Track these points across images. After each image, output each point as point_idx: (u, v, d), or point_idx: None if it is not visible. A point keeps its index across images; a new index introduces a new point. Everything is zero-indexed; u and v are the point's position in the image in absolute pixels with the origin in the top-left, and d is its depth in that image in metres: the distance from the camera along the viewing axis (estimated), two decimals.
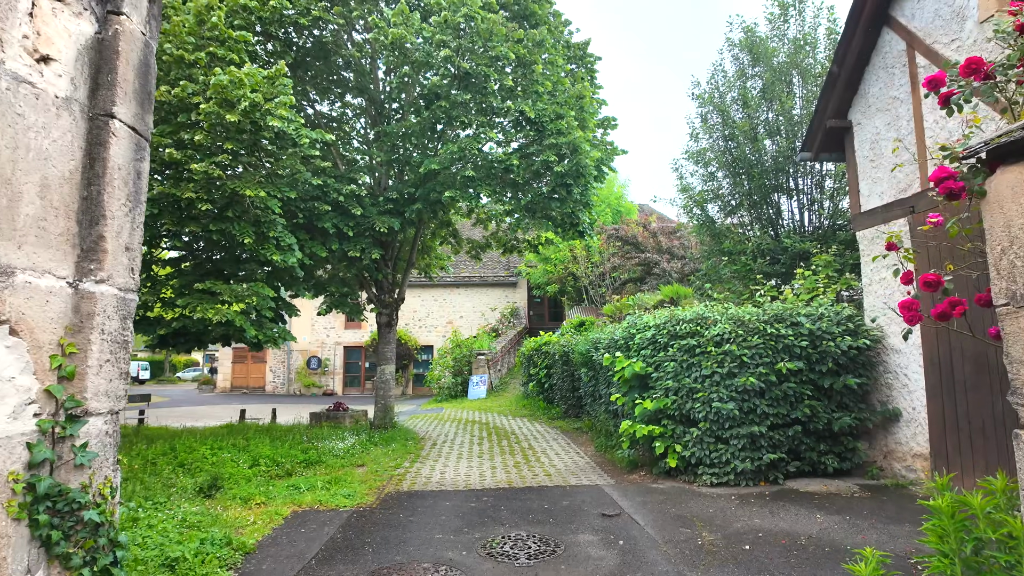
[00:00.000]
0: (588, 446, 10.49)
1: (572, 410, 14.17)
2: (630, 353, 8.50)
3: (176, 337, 8.96)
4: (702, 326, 7.38)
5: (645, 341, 8.03)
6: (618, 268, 17.97)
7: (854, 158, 7.91)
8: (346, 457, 9.48)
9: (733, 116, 11.45)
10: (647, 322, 8.16)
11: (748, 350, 6.99)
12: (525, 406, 17.40)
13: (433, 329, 30.56)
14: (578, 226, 11.17)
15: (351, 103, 13.18)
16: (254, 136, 8.03)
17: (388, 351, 12.94)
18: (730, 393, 6.96)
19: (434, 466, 8.91)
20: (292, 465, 8.44)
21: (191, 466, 7.96)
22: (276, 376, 32.02)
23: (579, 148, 9.86)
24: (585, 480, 7.77)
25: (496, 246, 15.27)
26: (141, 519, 5.49)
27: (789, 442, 7.05)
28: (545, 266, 25.61)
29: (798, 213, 11.20)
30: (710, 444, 7.09)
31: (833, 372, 7.07)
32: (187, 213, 8.00)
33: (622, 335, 8.99)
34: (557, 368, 14.83)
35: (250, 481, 7.54)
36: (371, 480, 7.87)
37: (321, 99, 13.11)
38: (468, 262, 32.13)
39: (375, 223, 10.78)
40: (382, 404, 12.67)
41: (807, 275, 8.62)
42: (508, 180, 10.75)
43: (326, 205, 10.23)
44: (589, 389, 11.75)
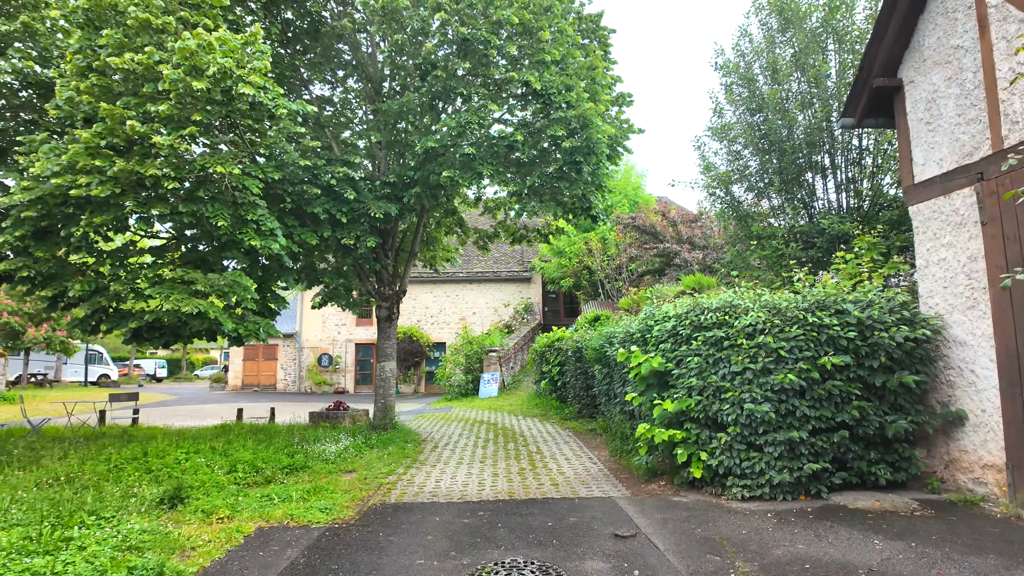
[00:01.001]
0: (602, 450, 9.57)
1: (586, 410, 13.26)
2: (647, 347, 7.57)
3: (151, 331, 8.23)
4: (731, 315, 6.42)
5: (664, 333, 7.08)
6: (635, 260, 16.95)
7: (905, 122, 6.87)
8: (336, 462, 8.68)
9: (760, 87, 10.40)
10: (666, 312, 7.22)
11: (786, 342, 6.01)
12: (537, 405, 16.51)
13: (445, 326, 29.80)
14: (590, 210, 10.23)
15: (352, 87, 12.38)
16: (226, 107, 7.24)
17: (388, 347, 12.13)
18: (764, 393, 6.00)
19: (430, 473, 8.07)
20: (273, 471, 7.66)
21: (160, 473, 7.21)
22: (287, 374, 31.54)
23: (590, 122, 8.93)
24: (597, 491, 6.86)
25: (505, 236, 14.38)
26: (74, 540, 4.72)
27: (834, 449, 6.06)
28: (559, 260, 24.66)
29: (834, 193, 10.13)
30: (741, 452, 6.13)
31: (886, 368, 6.06)
32: (153, 193, 7.24)
33: (638, 327, 8.06)
34: (570, 365, 13.92)
35: (222, 490, 6.76)
36: (357, 489, 7.04)
37: (317, 80, 12.34)
38: (481, 257, 31.34)
39: (370, 208, 9.95)
40: (382, 403, 11.87)
41: (849, 259, 7.59)
42: (512, 159, 9.85)
43: (316, 188, 9.42)
44: (603, 388, 10.83)
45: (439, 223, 14.34)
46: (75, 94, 7.38)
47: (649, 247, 16.28)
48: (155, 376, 48.41)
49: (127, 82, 7.34)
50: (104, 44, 7.32)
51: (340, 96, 12.74)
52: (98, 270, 8.30)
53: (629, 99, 11.28)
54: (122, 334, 8.04)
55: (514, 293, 29.81)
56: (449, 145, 9.49)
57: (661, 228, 16.94)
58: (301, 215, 10.11)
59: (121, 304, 8.33)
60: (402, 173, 10.68)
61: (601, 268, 21.51)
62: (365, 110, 12.21)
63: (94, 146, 6.93)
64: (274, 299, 9.76)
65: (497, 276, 29.87)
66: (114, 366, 41.07)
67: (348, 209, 10.14)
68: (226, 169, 7.11)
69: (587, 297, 24.02)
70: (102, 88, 7.40)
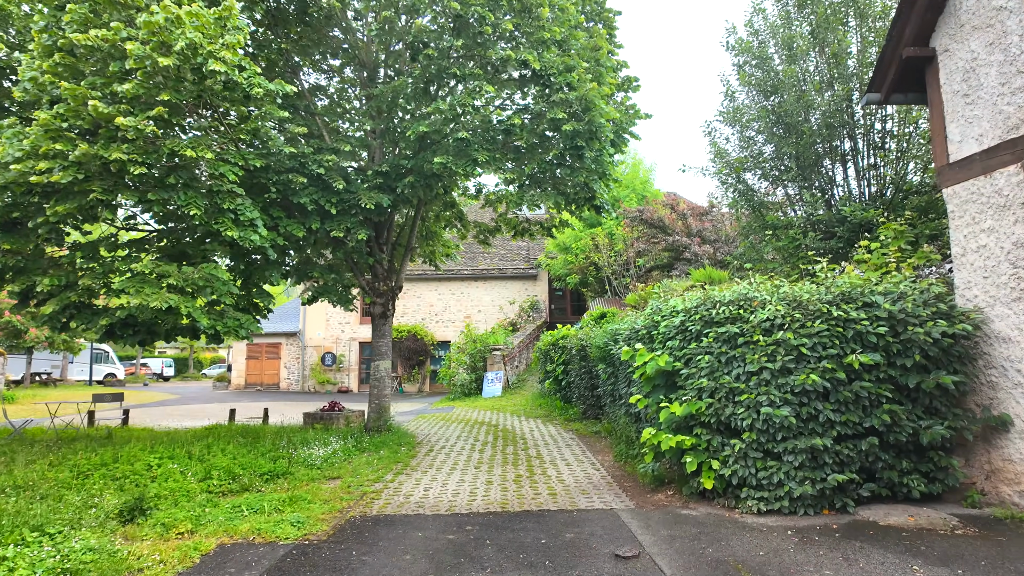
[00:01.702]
0: (606, 454, 8.98)
1: (591, 411, 12.66)
2: (653, 345, 6.97)
3: (124, 328, 7.74)
4: (746, 309, 5.81)
5: (672, 330, 6.48)
6: (643, 254, 16.29)
7: (939, 95, 6.22)
8: (322, 467, 8.16)
9: (775, 67, 9.73)
10: (674, 306, 6.62)
11: (808, 339, 5.39)
12: (541, 406, 15.93)
13: (450, 324, 29.28)
14: (593, 200, 9.62)
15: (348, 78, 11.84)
16: (198, 86, 6.72)
17: (383, 345, 11.59)
18: (784, 395, 5.39)
19: (420, 480, 7.51)
20: (252, 479, 7.14)
21: (126, 481, 6.71)
22: (291, 373, 31.17)
23: (593, 104, 8.33)
24: (598, 501, 6.27)
25: (506, 229, 13.80)
26: (6, 560, 4.20)
27: (861, 458, 5.43)
28: (566, 256, 24.05)
29: (855, 180, 9.45)
30: (757, 460, 5.52)
31: (920, 367, 5.42)
32: (119, 179, 6.73)
33: (643, 323, 7.46)
34: (574, 364, 13.33)
35: (191, 500, 6.25)
36: (337, 499, 6.51)
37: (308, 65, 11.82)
38: (487, 254, 30.81)
39: (360, 199, 9.41)
40: (376, 404, 11.33)
41: (874, 248, 6.95)
42: (510, 146, 9.28)
43: (302, 177, 8.89)
44: (608, 388, 10.23)
45: (438, 216, 13.79)
46: (39, 75, 6.89)
47: (657, 241, 15.60)
48: (162, 375, 48.30)
49: (93, 61, 6.84)
50: (69, 21, 6.83)
51: (337, 86, 12.21)
52: (70, 264, 7.82)
53: (635, 84, 10.67)
54: (94, 332, 7.53)
55: (520, 291, 29.24)
56: (443, 131, 8.93)
57: (670, 221, 16.27)
58: (288, 206, 9.59)
59: (93, 300, 7.86)
60: (395, 162, 10.14)
61: (608, 264, 20.88)
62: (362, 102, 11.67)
63: (55, 129, 6.44)
64: (260, 295, 9.25)
65: (503, 273, 29.31)
66: (120, 365, 40.92)
67: (338, 200, 9.61)
68: (196, 153, 6.59)
69: (594, 294, 23.39)
70: (67, 68, 6.90)
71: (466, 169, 8.61)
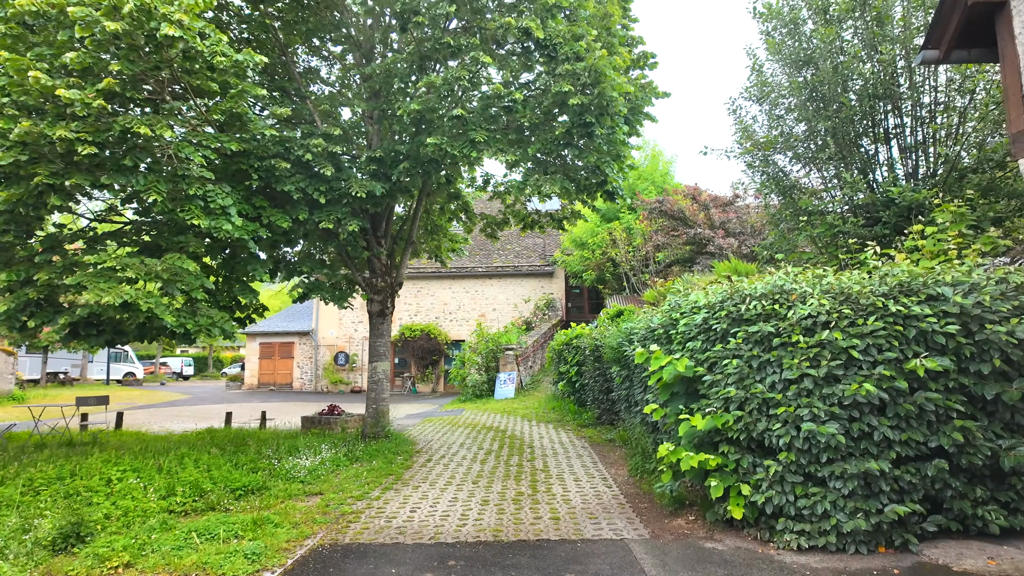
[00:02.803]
0: (620, 467, 8.08)
1: (605, 416, 11.76)
2: (672, 347, 6.07)
3: (88, 328, 7.08)
4: (782, 304, 4.87)
5: (693, 329, 5.58)
6: (663, 248, 15.27)
7: (1013, 48, 5.20)
8: (305, 481, 7.41)
9: (809, 33, 8.67)
10: (695, 301, 5.70)
11: (859, 339, 4.45)
12: (554, 409, 15.06)
13: (464, 323, 28.53)
14: (605, 184, 8.71)
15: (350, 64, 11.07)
16: (155, 56, 5.98)
17: (381, 345, 10.83)
18: (830, 407, 4.45)
19: (409, 497, 6.70)
20: (221, 495, 6.40)
21: (78, 498, 6.01)
22: (303, 372, 30.72)
23: (602, 75, 7.43)
24: (607, 529, 5.39)
25: (515, 222, 12.97)
26: None
27: (926, 485, 4.47)
28: (582, 252, 23.11)
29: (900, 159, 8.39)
30: (797, 486, 4.60)
31: (999, 374, 4.43)
32: (69, 161, 6.03)
33: (660, 321, 6.57)
34: (588, 366, 12.44)
35: (144, 522, 5.52)
36: (310, 521, 5.72)
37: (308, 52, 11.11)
38: (502, 252, 30.05)
39: (351, 187, 8.64)
40: (373, 409, 10.57)
41: (930, 233, 5.94)
42: (512, 125, 8.42)
43: (285, 163, 8.15)
44: (622, 392, 9.33)
45: (443, 209, 13.00)
46: None
47: (678, 234, 14.56)
48: (181, 374, 48.44)
49: (40, 29, 6.14)
50: None
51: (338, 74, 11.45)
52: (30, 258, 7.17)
53: (652, 60, 9.72)
54: (55, 332, 6.87)
55: (535, 288, 28.37)
56: (437, 109, 8.11)
57: (691, 213, 15.23)
58: (273, 195, 8.86)
59: (60, 297, 7.21)
60: (390, 148, 9.35)
61: (626, 260, 19.89)
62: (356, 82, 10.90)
63: None
64: (243, 291, 8.51)
65: (518, 271, 28.47)
66: (139, 364, 41.02)
67: (327, 188, 8.86)
68: (156, 131, 5.85)
69: (611, 291, 22.42)
70: (16, 39, 6.22)
71: (463, 151, 7.77)
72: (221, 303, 8.44)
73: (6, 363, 22.22)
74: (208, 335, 7.07)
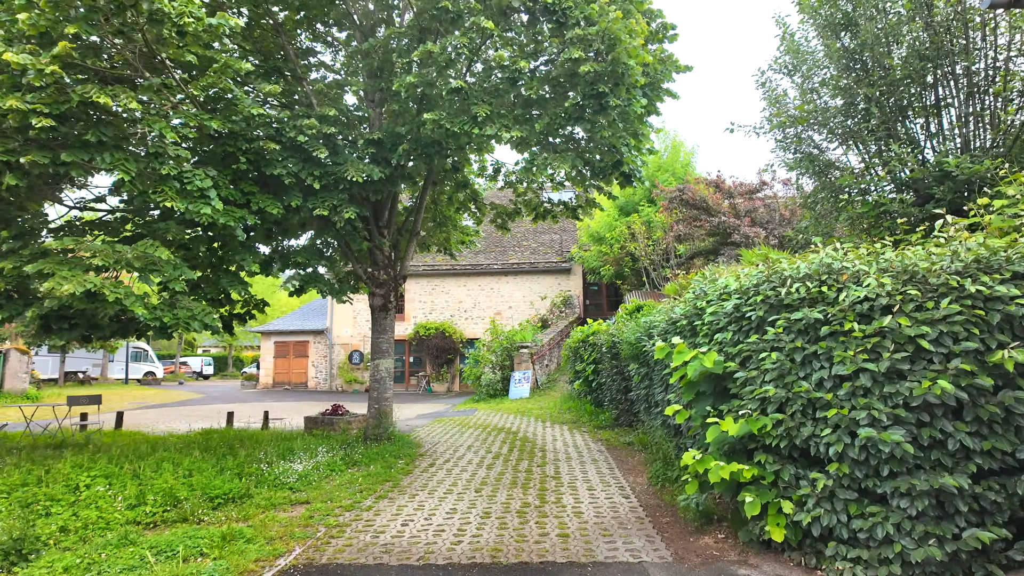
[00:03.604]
0: (639, 474, 7.34)
1: (624, 417, 11.00)
2: (697, 339, 5.33)
3: (59, 321, 6.56)
4: (831, 286, 4.10)
5: (722, 318, 4.83)
6: (684, 239, 14.39)
7: None
8: (294, 487, 6.81)
9: None
10: (725, 286, 4.95)
11: (930, 327, 3.66)
12: (570, 409, 14.32)
13: (480, 321, 27.89)
14: (621, 165, 7.97)
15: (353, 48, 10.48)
16: (118, 18, 5.40)
17: (383, 341, 10.21)
18: (893, 409, 3.67)
19: (403, 508, 6.04)
20: (197, 504, 5.80)
21: (39, 507, 5.46)
22: (318, 371, 30.38)
23: (617, 40, 6.69)
24: (623, 549, 4.67)
25: (526, 211, 12.26)
26: None
27: (1013, 505, 3.67)
28: (599, 247, 22.29)
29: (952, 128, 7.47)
30: (851, 504, 3.83)
31: None
32: (24, 136, 5.49)
33: (683, 312, 5.82)
34: (605, 364, 11.70)
35: (104, 535, 4.94)
36: (288, 536, 5.10)
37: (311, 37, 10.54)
38: (518, 249, 29.41)
39: (347, 171, 8.02)
40: (375, 409, 9.95)
41: (998, 206, 5.09)
42: (519, 99, 7.72)
43: (274, 144, 7.56)
44: (641, 392, 8.58)
45: (451, 199, 12.34)
46: None
47: (700, 224, 13.67)
48: (201, 373, 48.64)
49: None
50: None
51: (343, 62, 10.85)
52: None
53: (672, 32, 8.95)
54: (22, 325, 6.35)
55: (552, 285, 27.64)
56: (436, 83, 7.45)
57: (714, 202, 14.35)
58: (265, 181, 8.29)
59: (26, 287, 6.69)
60: (390, 129, 8.73)
61: (645, 254, 19.04)
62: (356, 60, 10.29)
63: None
64: (233, 283, 7.93)
65: (534, 267, 27.76)
66: (159, 364, 41.17)
67: (322, 173, 8.26)
68: (114, 102, 5.27)
69: (630, 287, 21.59)
70: None
71: (464, 127, 7.09)
72: (208, 296, 7.88)
73: (21, 362, 22.15)
74: (187, 329, 6.50)
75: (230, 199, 7.57)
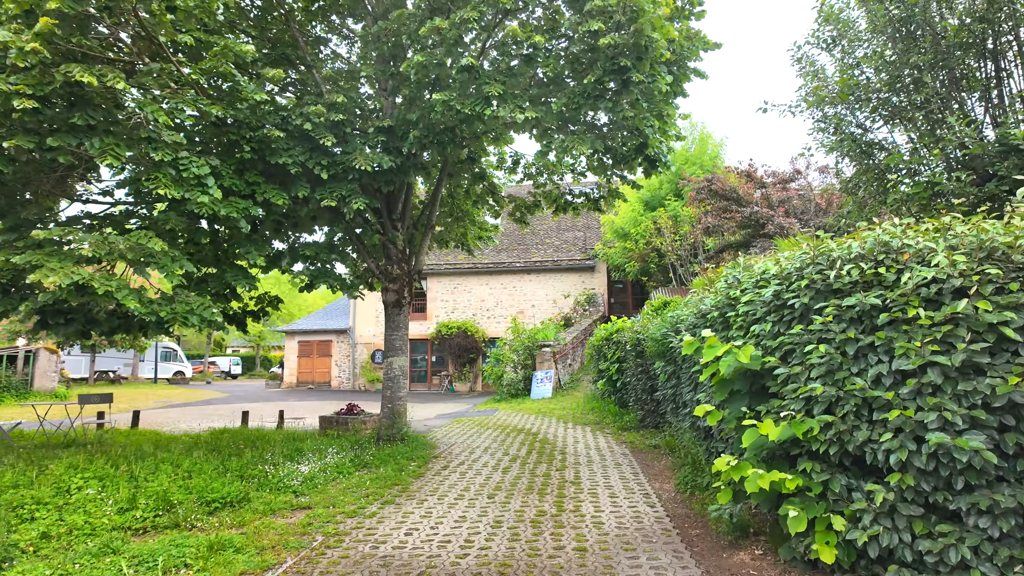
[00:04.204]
0: (665, 480, 6.79)
1: (649, 418, 10.43)
2: (730, 333, 4.78)
3: (55, 316, 6.31)
4: (890, 267, 3.53)
5: (759, 307, 4.28)
6: (713, 232, 13.70)
7: None
8: (297, 491, 6.45)
9: None
10: (764, 271, 4.40)
11: (1015, 312, 3.08)
12: (594, 410, 13.77)
13: (502, 320, 27.47)
14: (645, 148, 7.43)
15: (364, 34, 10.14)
16: None
17: (397, 339, 9.82)
18: (969, 411, 3.10)
19: (409, 515, 5.62)
20: (191, 508, 5.47)
21: (23, 511, 5.17)
22: (342, 371, 30.32)
23: (641, 10, 6.17)
24: (647, 566, 4.15)
25: (546, 204, 11.78)
26: None
27: None
28: (624, 243, 21.67)
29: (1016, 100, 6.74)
30: (916, 521, 3.26)
31: None
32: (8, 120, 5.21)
33: (714, 303, 5.28)
34: (630, 362, 11.14)
35: (87, 542, 4.62)
36: (281, 545, 4.71)
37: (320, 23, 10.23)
38: (541, 246, 28.94)
39: (355, 160, 7.65)
40: (388, 409, 9.58)
41: None
42: (535, 79, 7.24)
43: (278, 131, 7.22)
44: (668, 392, 8.02)
45: (468, 192, 11.92)
46: None
47: (730, 215, 12.95)
48: (229, 373, 49.16)
49: None
50: None
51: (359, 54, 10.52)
52: None
53: (699, 8, 8.37)
54: (19, 320, 6.11)
55: (576, 283, 27.06)
56: (445, 63, 7.02)
57: (745, 192, 13.61)
58: (272, 172, 7.97)
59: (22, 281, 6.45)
60: (401, 116, 8.34)
61: (672, 249, 18.36)
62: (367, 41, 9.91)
63: None
64: (238, 277, 7.62)
65: (557, 265, 27.22)
66: (188, 363, 41.74)
67: (330, 162, 7.91)
68: (101, 82, 4.95)
69: (656, 284, 20.91)
70: None
71: (475, 108, 6.64)
72: (213, 290, 7.58)
73: (50, 361, 22.47)
74: (184, 324, 6.18)
75: (234, 189, 7.26)
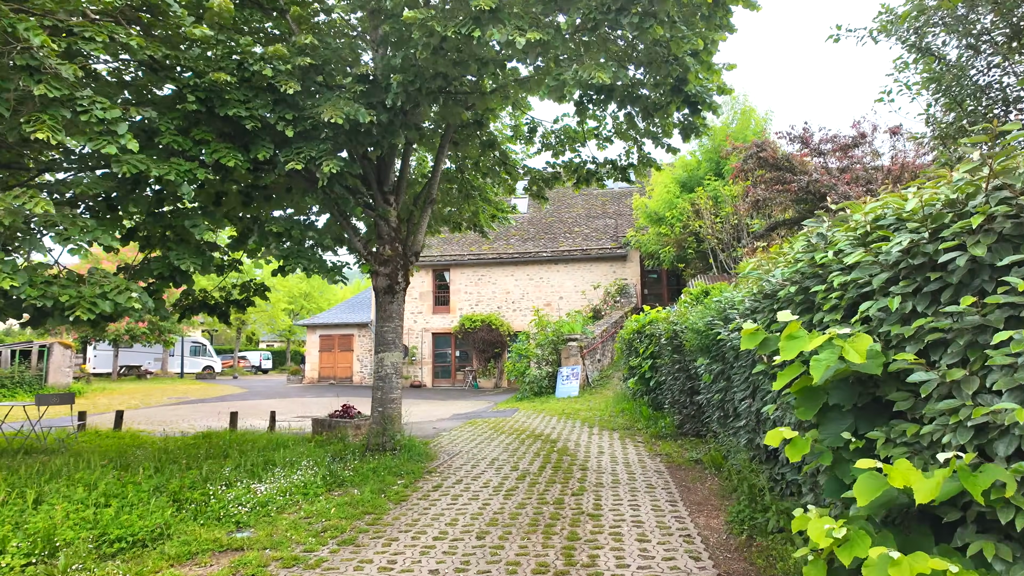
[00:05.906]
0: (712, 512, 5.20)
1: (689, 424, 8.80)
2: (815, 316, 3.17)
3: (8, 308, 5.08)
4: None
5: (875, 272, 2.66)
6: (762, 206, 11.90)
7: None
8: (241, 520, 5.10)
9: None
10: (879, 215, 2.79)
11: None
12: (623, 412, 12.18)
13: (528, 313, 25.94)
14: (685, 85, 5.80)
15: None
16: None
17: (389, 331, 8.42)
18: None
19: (366, 563, 4.17)
20: (81, 551, 4.15)
21: None
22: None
23: None
24: None
25: (566, 174, 10.23)
26: None
27: None
28: (658, 228, 19.89)
29: None
30: None
31: None
32: None
33: (787, 275, 3.67)
34: (665, 358, 9.50)
35: None
36: None
37: None
38: (569, 235, 27.29)
39: (323, 112, 6.23)
40: (378, 413, 8.20)
41: None
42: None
43: (226, 75, 5.86)
44: (715, 396, 6.38)
45: (478, 164, 10.44)
46: None
47: (784, 186, 11.11)
48: (260, 367, 49.01)
49: None
50: None
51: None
52: None
53: None
54: None
55: (607, 273, 25.35)
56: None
57: (799, 162, 11.74)
58: (231, 132, 6.62)
59: None
60: (383, 63, 6.92)
61: (712, 233, 16.54)
62: None
63: None
64: (184, 256, 6.29)
65: (587, 255, 25.54)
66: (217, 358, 41.62)
67: (295, 116, 6.53)
68: None
69: (695, 272, 19.10)
70: None
71: (460, 31, 5.12)
72: (156, 272, 6.28)
73: (65, 356, 21.97)
74: (91, 311, 4.87)
75: (175, 148, 5.94)
